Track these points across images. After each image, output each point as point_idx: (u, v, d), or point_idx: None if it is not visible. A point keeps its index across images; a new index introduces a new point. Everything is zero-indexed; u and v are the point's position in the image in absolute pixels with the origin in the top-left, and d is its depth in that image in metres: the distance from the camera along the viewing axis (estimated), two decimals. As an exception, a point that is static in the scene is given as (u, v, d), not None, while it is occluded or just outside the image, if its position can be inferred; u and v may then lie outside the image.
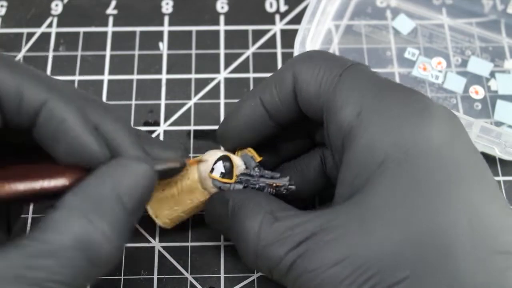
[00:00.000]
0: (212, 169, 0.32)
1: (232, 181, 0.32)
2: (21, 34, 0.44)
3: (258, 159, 0.33)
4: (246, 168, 0.33)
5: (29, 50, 0.44)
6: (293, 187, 0.32)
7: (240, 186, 0.32)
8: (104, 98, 0.42)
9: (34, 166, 0.26)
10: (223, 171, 0.32)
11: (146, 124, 0.41)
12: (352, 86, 0.28)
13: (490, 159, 0.40)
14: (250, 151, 0.33)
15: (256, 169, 0.32)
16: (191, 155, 0.40)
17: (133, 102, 0.42)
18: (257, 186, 0.32)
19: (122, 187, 0.26)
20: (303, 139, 0.34)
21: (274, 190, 0.32)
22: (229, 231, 0.30)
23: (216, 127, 0.34)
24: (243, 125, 0.32)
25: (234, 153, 0.33)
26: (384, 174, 0.26)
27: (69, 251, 0.23)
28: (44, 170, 0.26)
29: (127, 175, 0.26)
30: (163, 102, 0.42)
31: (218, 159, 0.32)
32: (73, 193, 0.25)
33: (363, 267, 0.25)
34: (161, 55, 0.44)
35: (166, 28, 0.45)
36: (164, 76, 0.43)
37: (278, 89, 0.31)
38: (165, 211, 0.33)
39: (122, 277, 0.36)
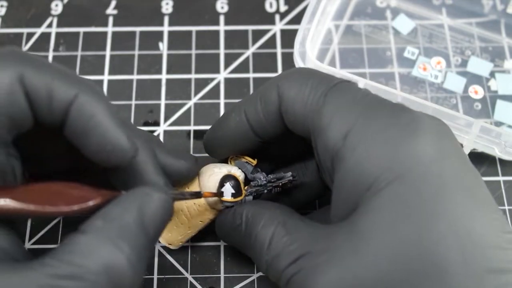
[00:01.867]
0: (221, 193, 0.31)
1: (242, 197, 0.32)
2: (21, 34, 0.44)
3: (254, 162, 0.33)
4: (245, 175, 0.32)
5: (29, 50, 0.44)
6: (296, 178, 0.32)
7: (250, 198, 0.32)
8: (104, 98, 0.42)
9: (64, 185, 0.27)
10: (233, 191, 0.31)
11: (146, 124, 0.41)
12: (338, 107, 0.28)
13: (490, 159, 0.40)
14: (245, 157, 0.33)
15: (262, 177, 0.32)
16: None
17: (133, 102, 0.42)
18: (265, 191, 0.32)
19: (146, 214, 0.26)
20: (296, 145, 0.34)
21: (280, 188, 0.32)
22: (243, 242, 0.30)
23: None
24: (228, 138, 0.32)
25: (226, 161, 0.33)
26: (373, 197, 0.26)
27: (95, 276, 0.24)
28: (75, 190, 0.27)
29: (150, 203, 0.26)
30: (163, 102, 0.42)
31: (224, 181, 0.31)
32: (101, 218, 0.25)
33: (355, 287, 0.25)
34: (161, 55, 0.44)
35: (166, 28, 0.45)
36: (164, 76, 0.43)
37: (263, 107, 0.30)
38: (178, 236, 0.33)
39: (122, 277, 0.36)
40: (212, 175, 0.32)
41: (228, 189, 0.31)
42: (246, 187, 0.32)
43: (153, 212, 0.26)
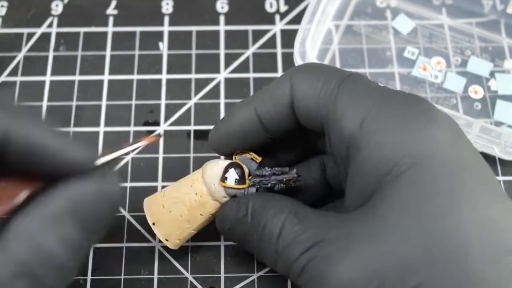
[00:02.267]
0: (225, 178, 0.31)
1: (246, 185, 0.31)
2: (22, 34, 0.44)
3: (259, 159, 0.32)
4: (249, 171, 0.32)
5: (29, 50, 0.44)
6: (300, 177, 0.32)
7: (253, 189, 0.31)
8: (104, 98, 0.42)
9: None
10: (237, 177, 0.31)
11: (146, 124, 0.41)
12: (352, 97, 0.28)
13: (490, 159, 0.40)
14: (250, 153, 0.32)
15: (267, 168, 0.32)
16: (191, 155, 0.40)
17: (133, 102, 0.42)
18: (269, 185, 0.31)
19: (79, 204, 0.24)
20: (301, 145, 0.34)
21: (284, 186, 0.31)
22: (248, 234, 0.30)
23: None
24: (236, 134, 0.31)
25: (231, 157, 0.33)
26: (392, 182, 0.26)
27: (11, 282, 0.22)
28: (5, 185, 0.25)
29: (85, 191, 0.25)
30: (163, 102, 0.42)
31: (229, 167, 0.31)
32: (25, 214, 0.24)
33: (374, 276, 0.25)
34: (161, 55, 0.44)
35: (166, 28, 0.45)
36: (164, 76, 0.43)
37: (274, 102, 0.30)
38: (176, 232, 0.32)
39: (122, 277, 0.36)
40: (216, 166, 0.32)
41: (232, 175, 0.31)
42: (250, 177, 0.32)
43: (86, 200, 0.24)
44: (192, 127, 0.41)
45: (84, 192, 0.25)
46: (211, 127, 0.33)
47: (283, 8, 0.46)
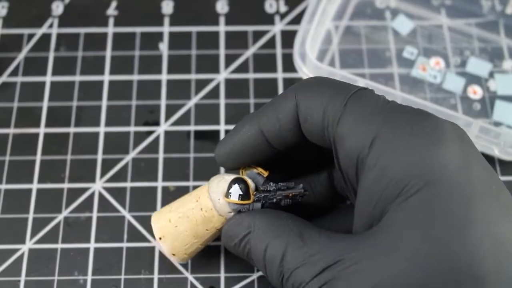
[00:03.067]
0: (229, 194, 0.31)
1: (250, 201, 0.31)
2: (22, 34, 0.45)
3: (266, 174, 0.32)
4: (256, 186, 0.32)
5: (30, 50, 0.44)
6: (307, 192, 0.32)
7: (258, 205, 0.31)
8: (104, 99, 0.42)
9: None
10: (241, 193, 0.31)
11: (146, 124, 0.41)
12: (358, 116, 0.28)
13: (489, 159, 0.40)
14: (256, 168, 0.32)
15: (272, 183, 0.31)
16: (191, 155, 0.40)
17: (133, 102, 0.42)
18: (274, 200, 0.31)
19: None
20: (309, 155, 0.34)
21: (290, 201, 0.31)
22: (251, 252, 0.30)
23: (216, 127, 0.34)
24: (241, 150, 0.31)
25: (238, 172, 0.33)
26: (402, 204, 0.25)
27: None
28: None
29: None
30: (163, 102, 0.42)
31: (232, 183, 0.31)
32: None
33: None
34: (161, 56, 0.44)
35: (166, 29, 0.45)
36: (164, 77, 0.43)
37: (279, 119, 0.30)
38: (183, 247, 0.32)
39: (122, 276, 0.36)
40: (221, 181, 0.31)
41: (235, 191, 0.31)
42: (255, 192, 0.31)
43: None
44: (192, 127, 0.41)
45: None
46: (211, 127, 0.33)
47: (283, 8, 0.46)
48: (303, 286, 0.27)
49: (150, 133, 0.41)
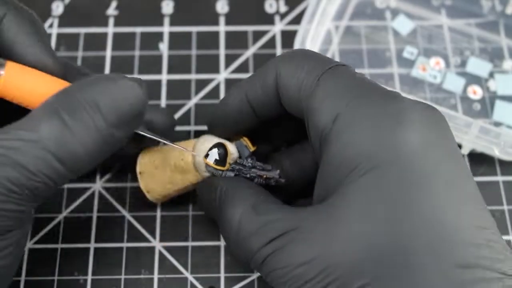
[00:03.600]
0: (207, 155, 0.32)
1: (225, 168, 0.32)
2: (22, 34, 0.44)
3: (252, 148, 0.33)
4: (240, 157, 0.33)
5: (30, 50, 0.44)
6: (282, 180, 0.33)
7: (231, 174, 0.32)
8: (104, 99, 0.42)
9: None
10: (217, 158, 0.32)
11: (147, 124, 0.41)
12: (329, 91, 0.28)
13: (489, 160, 0.40)
14: (245, 140, 0.33)
15: (249, 159, 0.33)
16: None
17: (134, 102, 0.42)
18: (248, 175, 0.32)
19: (103, 98, 0.27)
20: (295, 128, 0.34)
21: (264, 181, 0.32)
22: (217, 217, 0.31)
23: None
24: (229, 117, 0.32)
25: (229, 140, 0.34)
26: (353, 181, 0.26)
27: (36, 147, 0.25)
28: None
29: (110, 88, 0.27)
30: (163, 102, 0.42)
31: (214, 146, 0.32)
32: (55, 95, 0.27)
33: (326, 270, 0.25)
34: (161, 56, 0.44)
35: (166, 29, 0.45)
36: (164, 77, 0.43)
37: (263, 88, 0.31)
38: (157, 188, 0.34)
39: (122, 276, 0.36)
40: (207, 141, 0.33)
41: (213, 154, 0.32)
42: (231, 161, 0.32)
43: (112, 96, 0.27)
44: (192, 127, 0.41)
45: (109, 88, 0.27)
46: (211, 127, 0.33)
47: (283, 8, 0.46)
48: (252, 254, 0.28)
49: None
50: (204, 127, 0.41)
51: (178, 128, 0.41)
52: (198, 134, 0.41)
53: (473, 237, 0.25)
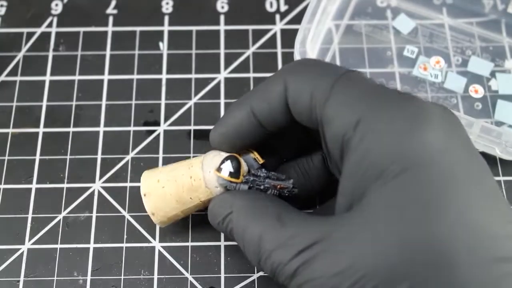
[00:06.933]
0: (220, 169, 0.31)
1: (239, 180, 0.32)
2: (21, 33, 0.44)
3: (261, 161, 0.33)
4: (249, 170, 0.32)
5: (29, 49, 0.44)
6: (296, 190, 0.32)
7: (245, 187, 0.32)
8: (104, 98, 0.42)
9: None
10: (232, 170, 0.31)
11: (146, 124, 0.41)
12: (345, 98, 0.28)
13: (490, 159, 0.40)
14: (253, 153, 0.33)
15: (263, 170, 0.32)
16: (191, 155, 0.40)
17: (133, 102, 0.42)
18: (262, 187, 0.32)
19: None
20: (302, 138, 0.34)
21: (277, 192, 0.32)
22: (233, 232, 0.30)
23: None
24: (234, 133, 0.32)
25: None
26: (381, 187, 0.26)
27: None
28: None
29: None
30: (163, 102, 0.42)
31: (226, 158, 0.32)
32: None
33: (362, 279, 0.25)
34: (161, 55, 0.44)
35: (166, 28, 0.45)
36: (164, 76, 0.43)
37: (269, 101, 0.30)
38: (164, 208, 0.33)
39: (122, 277, 0.36)
40: (217, 156, 0.32)
41: (227, 166, 0.31)
42: (245, 174, 0.32)
43: None
44: (192, 127, 0.41)
45: None
46: (211, 127, 0.33)
47: (283, 7, 0.46)
48: (281, 266, 0.27)
49: (150, 132, 0.41)
50: (204, 127, 0.41)
51: (178, 128, 0.41)
52: (198, 134, 0.41)
53: (506, 231, 0.25)
